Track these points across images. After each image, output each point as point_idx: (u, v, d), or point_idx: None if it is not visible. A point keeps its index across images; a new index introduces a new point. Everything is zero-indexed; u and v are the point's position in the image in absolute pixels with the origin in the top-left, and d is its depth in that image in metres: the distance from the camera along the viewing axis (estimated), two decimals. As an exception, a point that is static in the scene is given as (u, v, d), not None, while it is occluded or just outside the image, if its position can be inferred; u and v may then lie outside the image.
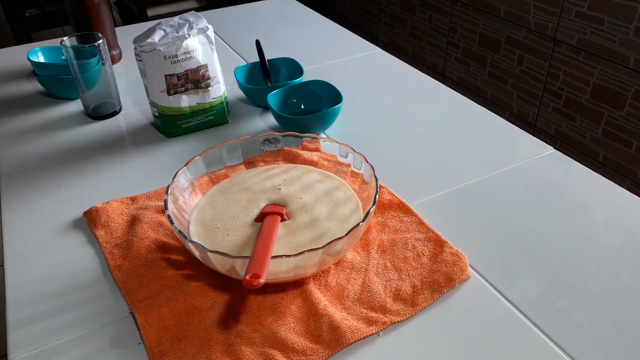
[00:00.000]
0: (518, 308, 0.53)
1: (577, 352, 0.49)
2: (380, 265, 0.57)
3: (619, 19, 1.52)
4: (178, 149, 0.80)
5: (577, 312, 0.53)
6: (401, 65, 1.05)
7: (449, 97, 0.93)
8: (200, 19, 0.86)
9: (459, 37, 2.16)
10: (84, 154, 0.80)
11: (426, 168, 0.74)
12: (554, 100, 1.81)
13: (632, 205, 0.67)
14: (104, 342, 0.51)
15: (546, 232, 0.62)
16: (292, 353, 0.48)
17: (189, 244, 0.51)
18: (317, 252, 0.49)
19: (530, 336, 0.50)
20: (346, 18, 2.92)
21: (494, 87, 2.06)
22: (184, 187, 0.61)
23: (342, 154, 0.66)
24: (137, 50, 0.82)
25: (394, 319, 0.51)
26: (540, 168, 0.74)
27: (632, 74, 1.54)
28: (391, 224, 0.63)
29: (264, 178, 0.66)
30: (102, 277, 0.58)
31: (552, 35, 1.75)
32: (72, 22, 1.06)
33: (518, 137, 0.81)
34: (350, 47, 1.14)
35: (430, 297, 0.54)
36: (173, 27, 0.83)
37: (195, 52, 0.83)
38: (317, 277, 0.56)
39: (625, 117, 1.59)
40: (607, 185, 0.70)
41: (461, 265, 0.56)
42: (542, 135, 1.90)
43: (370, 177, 0.60)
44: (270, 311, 0.53)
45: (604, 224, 0.64)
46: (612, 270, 0.57)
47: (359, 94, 0.94)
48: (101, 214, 0.65)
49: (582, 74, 1.68)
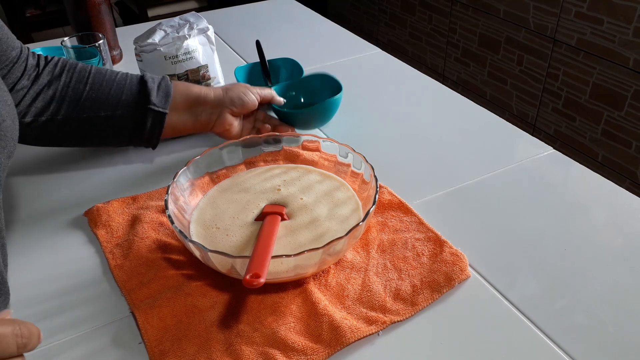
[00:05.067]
0: (518, 308, 0.53)
1: (577, 352, 0.49)
2: (380, 265, 0.57)
3: (619, 19, 1.53)
4: (178, 149, 0.80)
5: (577, 312, 0.53)
6: (401, 66, 1.05)
7: (449, 97, 0.93)
8: (201, 19, 0.86)
9: (458, 38, 2.17)
10: (84, 153, 0.80)
11: (426, 168, 0.74)
12: (554, 100, 1.82)
13: (632, 205, 0.67)
14: (105, 341, 0.51)
15: (546, 232, 0.63)
16: (292, 352, 0.48)
17: (190, 244, 0.51)
18: (317, 252, 0.49)
19: (530, 336, 0.50)
20: (346, 18, 2.92)
21: (494, 88, 2.07)
22: (185, 187, 0.61)
23: (342, 154, 0.66)
24: (137, 50, 0.82)
25: (394, 319, 0.51)
26: (540, 168, 0.74)
27: (632, 74, 1.54)
28: (391, 223, 0.63)
29: (264, 179, 0.67)
30: (103, 277, 0.58)
31: (551, 36, 1.75)
32: (73, 22, 1.07)
33: (518, 137, 0.82)
34: (350, 47, 1.14)
35: (430, 296, 0.54)
36: (173, 28, 0.83)
37: (196, 52, 0.83)
38: (317, 277, 0.56)
39: (624, 117, 1.59)
40: (607, 185, 0.70)
41: (461, 265, 0.56)
42: (542, 135, 1.91)
43: (370, 177, 0.60)
44: (270, 311, 0.53)
45: (603, 224, 0.64)
46: (612, 270, 0.57)
47: (359, 94, 0.94)
48: (102, 214, 0.65)
49: (582, 74, 1.68)
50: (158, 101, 0.70)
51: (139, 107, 0.69)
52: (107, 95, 0.69)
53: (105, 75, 0.70)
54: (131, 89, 0.70)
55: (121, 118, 0.69)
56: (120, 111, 0.69)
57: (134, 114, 0.69)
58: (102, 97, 0.69)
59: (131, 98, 0.69)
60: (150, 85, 0.70)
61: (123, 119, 0.69)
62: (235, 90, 0.74)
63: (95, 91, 0.69)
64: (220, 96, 0.73)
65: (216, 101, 0.73)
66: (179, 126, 0.73)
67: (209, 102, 0.73)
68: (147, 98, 0.69)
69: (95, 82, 0.69)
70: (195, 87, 0.73)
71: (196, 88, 0.73)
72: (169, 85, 0.72)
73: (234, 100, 0.73)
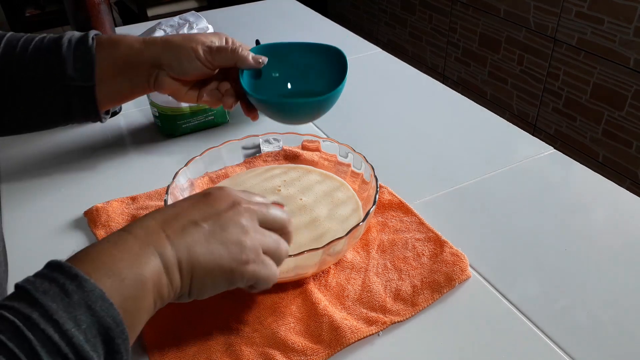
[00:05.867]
0: (518, 308, 0.53)
1: (577, 352, 0.49)
2: (380, 265, 0.57)
3: (619, 19, 1.52)
4: (178, 149, 0.80)
5: (577, 312, 0.53)
6: (401, 65, 1.05)
7: (449, 97, 0.93)
8: (200, 19, 0.86)
9: (459, 37, 2.17)
10: (84, 154, 0.80)
11: (426, 168, 0.74)
12: (554, 100, 1.81)
13: (632, 205, 0.67)
14: (104, 342, 0.51)
15: (546, 232, 0.62)
16: (292, 353, 0.48)
17: (189, 244, 0.51)
18: (317, 252, 0.49)
19: (530, 336, 0.50)
20: (346, 18, 2.92)
21: (494, 87, 2.06)
22: (184, 187, 0.61)
23: (342, 154, 0.66)
24: (137, 50, 0.82)
25: (394, 319, 0.51)
26: (540, 168, 0.74)
27: (632, 74, 1.54)
28: (391, 224, 0.63)
29: (264, 179, 0.66)
30: (102, 277, 0.58)
31: (552, 35, 1.75)
32: (72, 22, 1.06)
33: (518, 137, 0.81)
34: (350, 47, 1.14)
35: (430, 297, 0.54)
36: (173, 27, 0.83)
37: (196, 52, 0.83)
38: (317, 277, 0.56)
39: (625, 117, 1.59)
40: (607, 185, 0.70)
41: (461, 265, 0.56)
42: (542, 135, 1.90)
43: (370, 177, 0.60)
44: (270, 311, 0.53)
45: (604, 224, 0.64)
46: (612, 270, 0.57)
47: (359, 94, 0.94)
48: (101, 214, 0.65)
49: (582, 74, 1.68)
50: (77, 74, 0.58)
51: (54, 83, 0.58)
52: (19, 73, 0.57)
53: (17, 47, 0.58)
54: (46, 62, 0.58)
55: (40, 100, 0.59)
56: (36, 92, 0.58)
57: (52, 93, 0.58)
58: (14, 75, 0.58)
59: (43, 74, 0.58)
60: (65, 53, 0.58)
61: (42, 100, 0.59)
62: (177, 50, 0.58)
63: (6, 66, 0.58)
64: (156, 56, 0.58)
65: (151, 61, 0.59)
66: (114, 95, 0.61)
67: (142, 64, 0.59)
68: (62, 71, 0.57)
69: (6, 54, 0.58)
70: (123, 45, 0.59)
71: (124, 46, 0.59)
72: (89, 49, 0.58)
73: (171, 65, 0.58)
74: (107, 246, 0.37)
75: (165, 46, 0.59)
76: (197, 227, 0.40)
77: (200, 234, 0.39)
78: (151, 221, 0.39)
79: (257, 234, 0.42)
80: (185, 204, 0.42)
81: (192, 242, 0.39)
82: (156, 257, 0.37)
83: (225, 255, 0.40)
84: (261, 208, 0.44)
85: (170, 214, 0.40)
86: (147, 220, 0.40)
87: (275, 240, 0.44)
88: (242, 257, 0.40)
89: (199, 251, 0.39)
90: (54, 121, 0.63)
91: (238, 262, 0.40)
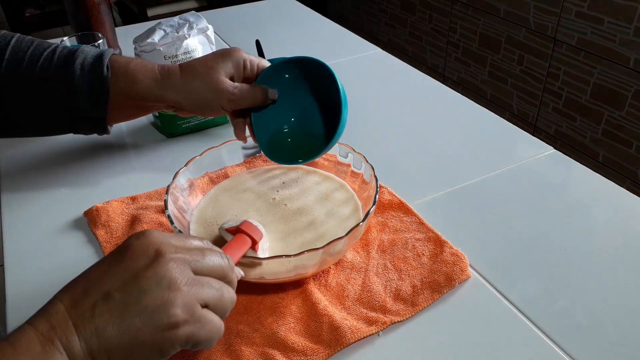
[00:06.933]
0: (518, 308, 0.53)
1: (577, 352, 0.49)
2: (380, 265, 0.57)
3: (619, 19, 1.52)
4: (178, 149, 0.80)
5: (577, 312, 0.53)
6: (401, 65, 1.05)
7: (449, 97, 0.93)
8: (200, 19, 0.86)
9: (459, 37, 2.17)
10: (84, 154, 0.80)
11: (426, 168, 0.74)
12: (554, 100, 1.81)
13: (632, 205, 0.67)
14: (104, 342, 0.51)
15: (546, 232, 0.62)
16: (292, 353, 0.48)
17: (189, 244, 0.50)
18: (317, 252, 0.49)
19: (530, 336, 0.50)
20: (346, 18, 2.92)
21: (494, 87, 2.06)
22: (184, 187, 0.61)
23: (342, 154, 0.66)
24: (137, 50, 0.82)
25: (394, 319, 0.51)
26: (540, 168, 0.74)
27: (632, 74, 1.54)
28: (391, 224, 0.63)
29: (264, 179, 0.66)
30: (102, 277, 0.58)
31: (552, 35, 1.75)
32: (72, 22, 1.06)
33: (518, 137, 0.81)
34: (350, 47, 1.14)
35: (430, 297, 0.54)
36: (173, 27, 0.83)
37: (195, 52, 0.83)
38: (317, 277, 0.56)
39: (625, 117, 1.59)
40: (607, 185, 0.70)
41: (461, 265, 0.56)
42: (542, 135, 1.90)
43: (370, 177, 0.60)
44: (270, 311, 0.53)
45: (604, 224, 0.64)
46: (612, 270, 0.57)
47: (359, 94, 0.94)
48: (101, 214, 0.65)
49: (582, 74, 1.68)
50: (89, 105, 0.56)
51: (63, 112, 0.57)
52: (24, 93, 0.55)
53: (23, 62, 0.55)
54: (55, 87, 0.56)
55: (46, 120, 0.58)
56: (44, 115, 0.57)
57: (59, 117, 0.58)
58: (19, 93, 0.55)
59: (52, 100, 0.56)
60: (78, 81, 0.56)
61: (48, 121, 0.59)
62: (201, 101, 0.57)
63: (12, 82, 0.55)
64: (176, 100, 0.58)
65: (169, 103, 0.60)
66: (124, 119, 0.63)
67: (159, 104, 0.60)
68: (74, 101, 0.56)
69: (12, 67, 0.55)
70: (140, 82, 0.57)
71: (141, 85, 0.57)
72: (104, 81, 0.56)
73: (192, 110, 0.59)
74: (7, 349, 0.32)
75: (188, 93, 0.58)
76: (108, 301, 0.34)
77: (113, 311, 0.34)
78: (59, 305, 0.35)
79: (191, 287, 0.36)
80: (98, 271, 0.37)
81: (102, 325, 0.34)
82: (62, 355, 0.33)
83: (145, 328, 0.34)
84: (193, 255, 0.38)
85: (80, 290, 0.35)
86: (56, 303, 0.35)
87: (217, 289, 0.38)
88: (169, 322, 0.35)
89: (111, 333, 0.34)
90: (57, 133, 0.65)
91: (164, 329, 0.35)
